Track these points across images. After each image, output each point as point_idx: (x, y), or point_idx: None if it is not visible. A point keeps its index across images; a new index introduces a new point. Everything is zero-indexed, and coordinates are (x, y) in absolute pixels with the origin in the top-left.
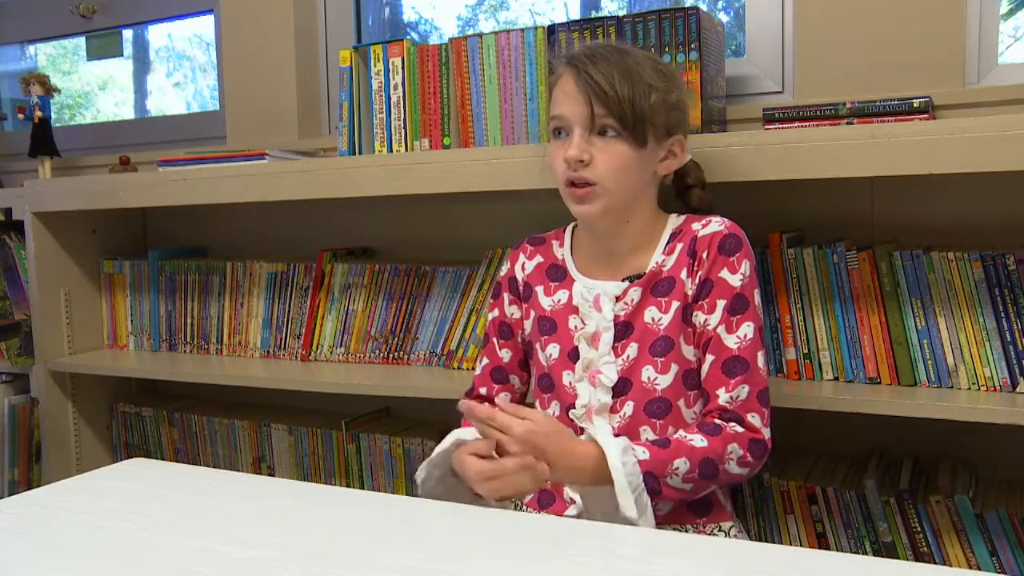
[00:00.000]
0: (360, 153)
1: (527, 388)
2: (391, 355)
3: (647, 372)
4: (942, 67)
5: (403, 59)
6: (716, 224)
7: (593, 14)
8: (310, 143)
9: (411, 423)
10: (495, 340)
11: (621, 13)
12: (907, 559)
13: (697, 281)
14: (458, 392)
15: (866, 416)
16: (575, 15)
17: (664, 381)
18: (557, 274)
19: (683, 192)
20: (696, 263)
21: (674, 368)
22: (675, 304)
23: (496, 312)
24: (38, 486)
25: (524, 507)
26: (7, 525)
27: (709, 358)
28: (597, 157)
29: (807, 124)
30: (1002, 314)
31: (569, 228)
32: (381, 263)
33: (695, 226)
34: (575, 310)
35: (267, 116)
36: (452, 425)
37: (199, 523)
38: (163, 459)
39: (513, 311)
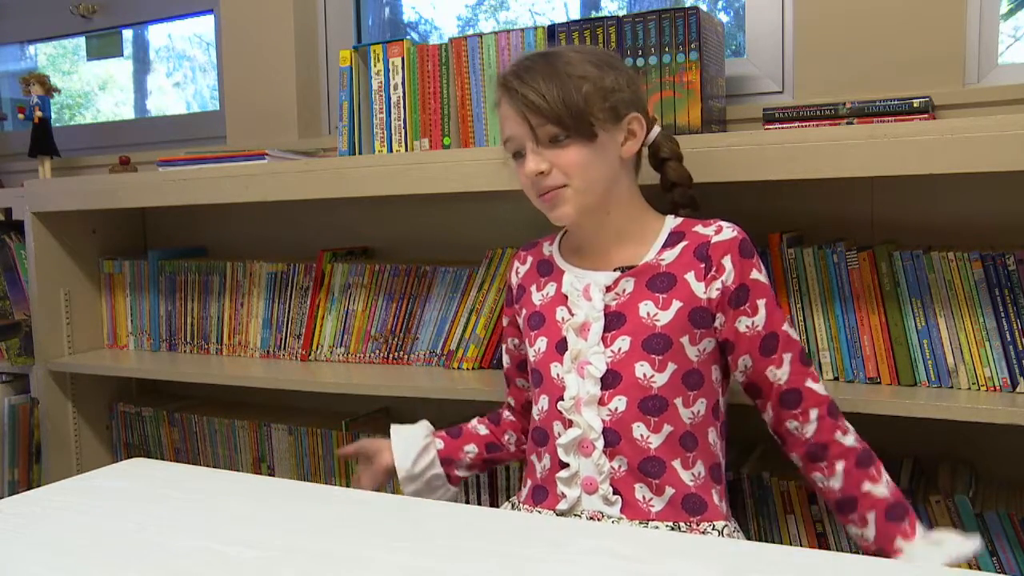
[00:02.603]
0: (360, 153)
1: None
2: (391, 355)
3: (641, 368)
4: (942, 67)
5: (403, 59)
6: (729, 230)
7: (593, 14)
8: (310, 143)
9: (411, 423)
10: (503, 346)
11: (621, 13)
12: None
13: (720, 288)
14: (459, 392)
15: (866, 416)
16: (575, 15)
17: (660, 379)
18: (545, 269)
19: (659, 166)
20: (713, 269)
21: (671, 367)
22: (677, 303)
23: (505, 320)
24: (38, 486)
25: (520, 504)
26: (7, 525)
27: (787, 356)
28: (555, 163)
29: (807, 124)
30: (1002, 314)
31: (561, 229)
32: (381, 263)
33: (704, 230)
34: (563, 300)
35: (267, 116)
36: (452, 425)
37: (199, 523)
38: (163, 459)
39: (510, 317)
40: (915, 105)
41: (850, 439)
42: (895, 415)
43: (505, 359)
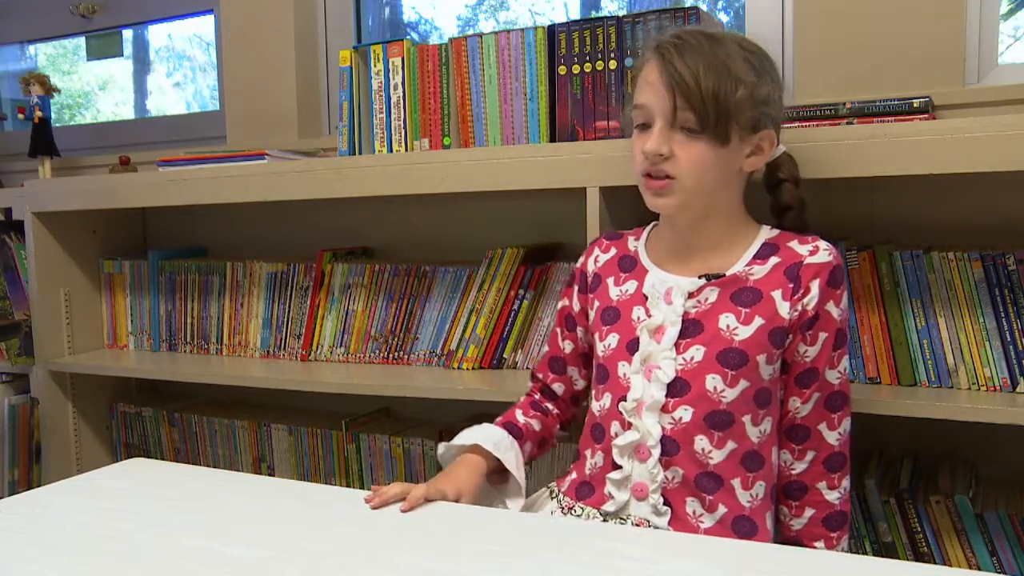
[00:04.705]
0: (360, 153)
1: (587, 383)
2: (391, 355)
3: (713, 381)
4: (942, 67)
5: (403, 59)
6: (825, 253)
7: (593, 14)
8: (310, 143)
9: (411, 423)
10: (559, 330)
11: (621, 13)
12: (907, 559)
13: (800, 310)
14: (458, 392)
15: (866, 416)
16: (575, 15)
17: (730, 394)
18: (628, 264)
19: (774, 187)
20: (801, 290)
21: (743, 384)
22: (759, 320)
23: (565, 302)
24: (38, 486)
25: (561, 494)
26: (7, 525)
27: (815, 395)
28: (677, 152)
29: (807, 124)
30: (1002, 314)
31: (648, 227)
32: (381, 263)
33: (799, 248)
34: (641, 300)
35: (267, 116)
36: (452, 425)
37: (199, 523)
38: (163, 459)
39: (579, 303)
40: (915, 105)
41: (834, 495)
42: (895, 415)
43: (564, 345)
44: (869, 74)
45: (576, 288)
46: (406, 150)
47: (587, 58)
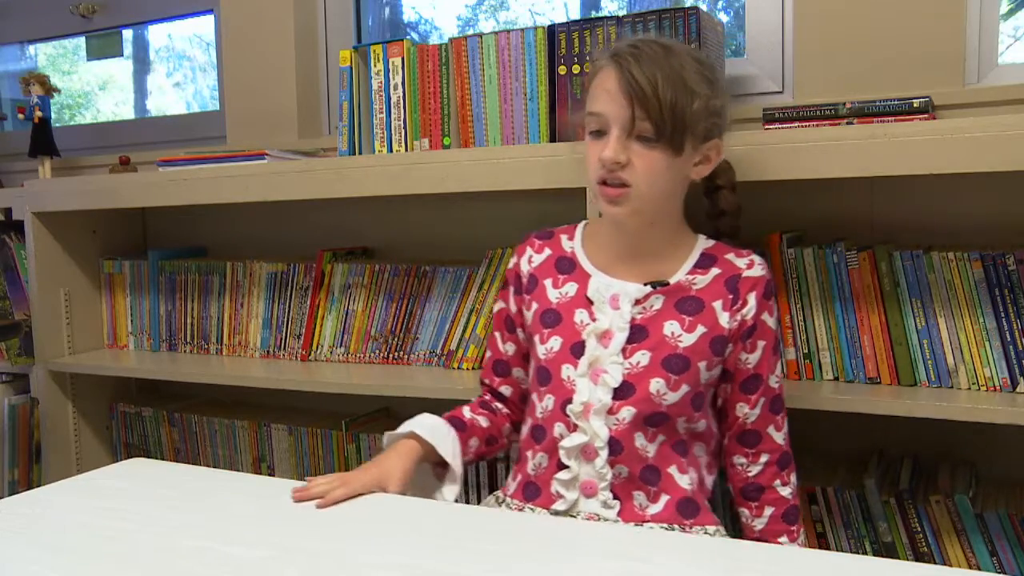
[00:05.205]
0: (360, 153)
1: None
2: (391, 355)
3: (656, 385)
4: (942, 67)
5: (403, 59)
6: (759, 267)
7: (593, 14)
8: (310, 143)
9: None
10: (498, 334)
11: (621, 13)
12: (907, 559)
13: (739, 320)
14: (458, 392)
15: (866, 416)
16: (575, 15)
17: (672, 397)
18: (565, 266)
19: (711, 193)
20: (739, 302)
21: (684, 388)
22: (701, 328)
23: (502, 304)
24: (38, 486)
25: (508, 498)
26: (7, 525)
27: (761, 400)
28: (634, 160)
29: (807, 124)
30: (1002, 314)
31: (581, 224)
32: (381, 263)
33: (737, 261)
34: (584, 304)
35: (267, 116)
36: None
37: (199, 523)
38: (163, 459)
39: (515, 305)
40: (915, 105)
41: (787, 491)
42: (895, 415)
43: (506, 348)
44: (869, 74)
45: (512, 290)
46: (406, 150)
47: (587, 58)
